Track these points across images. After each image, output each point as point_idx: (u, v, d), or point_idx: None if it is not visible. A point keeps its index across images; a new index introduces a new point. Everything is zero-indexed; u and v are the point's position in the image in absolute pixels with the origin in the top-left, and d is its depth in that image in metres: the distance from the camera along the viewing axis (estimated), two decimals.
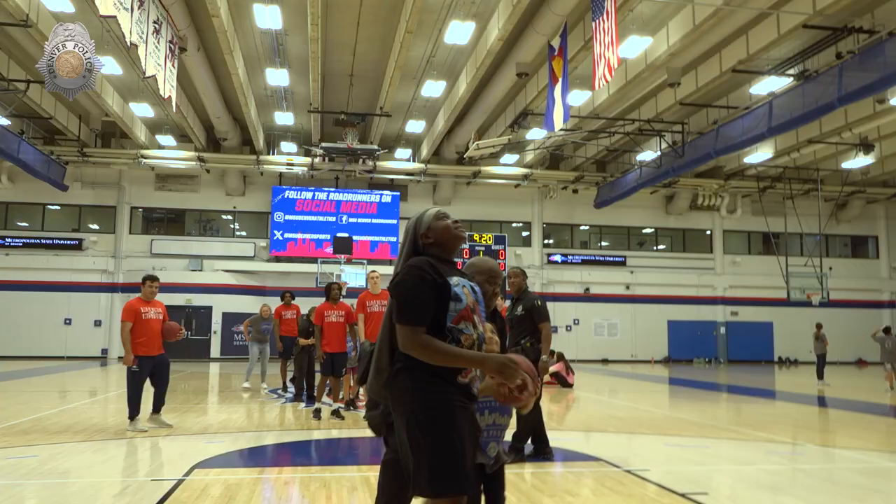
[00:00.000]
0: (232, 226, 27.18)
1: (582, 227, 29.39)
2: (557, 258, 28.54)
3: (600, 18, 12.31)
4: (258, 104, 21.81)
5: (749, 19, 14.57)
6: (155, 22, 13.38)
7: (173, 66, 15.12)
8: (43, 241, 25.45)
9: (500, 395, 2.55)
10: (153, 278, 7.98)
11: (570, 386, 15.09)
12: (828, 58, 15.74)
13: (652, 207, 29.48)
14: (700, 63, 17.39)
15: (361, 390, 10.14)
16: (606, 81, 12.53)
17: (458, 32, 15.10)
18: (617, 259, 28.96)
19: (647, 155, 23.02)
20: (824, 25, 14.52)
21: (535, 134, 21.10)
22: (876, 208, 31.12)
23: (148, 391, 7.83)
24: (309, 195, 26.25)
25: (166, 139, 24.02)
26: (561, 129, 18.00)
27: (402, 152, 26.13)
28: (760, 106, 17.49)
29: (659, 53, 15.64)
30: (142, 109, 20.62)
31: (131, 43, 12.37)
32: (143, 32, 12.81)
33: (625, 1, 13.59)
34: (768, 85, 17.44)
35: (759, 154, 23.64)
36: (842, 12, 13.93)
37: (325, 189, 26.40)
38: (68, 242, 25.53)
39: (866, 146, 21.98)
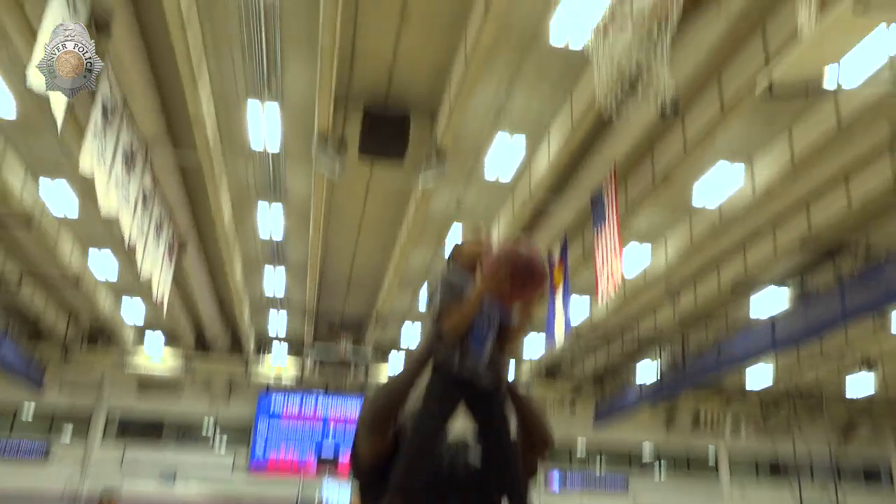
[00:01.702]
0: (212, 436, 25.68)
1: (580, 447, 27.95)
2: (555, 485, 26.71)
3: (602, 231, 12.34)
4: (252, 307, 21.53)
5: (746, 235, 14.75)
6: (156, 222, 13.39)
7: (170, 267, 14.98)
8: (5, 455, 23.58)
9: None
10: (111, 495, 7.01)
11: None
12: (827, 276, 15.76)
13: (652, 426, 28.24)
14: (699, 279, 17.40)
15: None
16: (610, 296, 12.32)
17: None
18: (618, 483, 27.16)
19: (647, 367, 22.43)
20: (821, 245, 14.68)
21: (533, 348, 20.67)
22: (885, 432, 29.88)
23: None
24: (296, 404, 25.05)
25: (155, 336, 23.36)
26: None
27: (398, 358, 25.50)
28: (762, 323, 17.25)
29: (658, 268, 15.66)
30: (133, 307, 20.26)
31: (130, 243, 12.27)
32: (143, 232, 12.76)
33: (623, 215, 13.77)
34: (769, 301, 17.33)
35: (760, 378, 23.02)
36: (838, 232, 14.12)
37: (314, 392, 25.15)
38: (33, 456, 23.68)
39: (869, 365, 21.55)
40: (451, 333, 2.65)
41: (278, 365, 24.63)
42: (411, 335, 22.71)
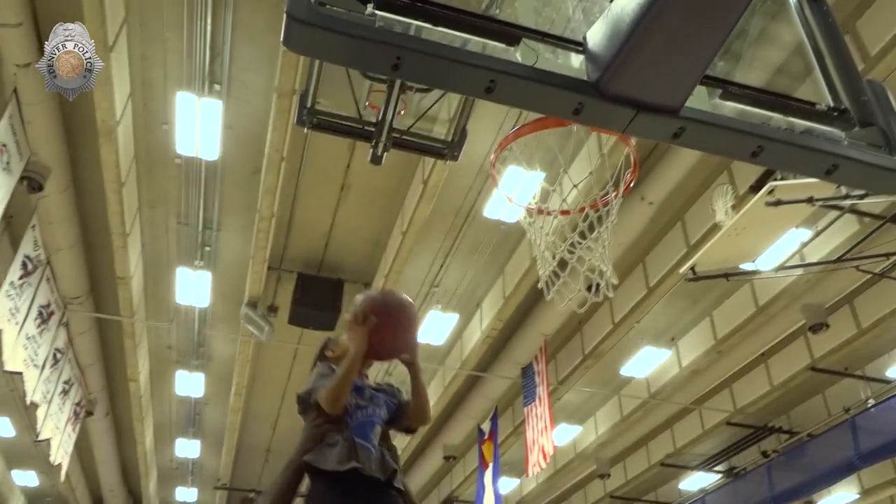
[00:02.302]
0: None
1: None
2: None
3: (533, 404, 12.24)
4: (160, 476, 19.98)
5: (674, 413, 14.83)
6: (65, 382, 12.59)
7: (73, 430, 13.92)
8: None
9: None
10: None
11: None
12: (753, 455, 15.83)
13: None
14: (629, 454, 17.20)
15: None
16: (541, 468, 12.00)
17: None
18: None
19: None
20: (746, 424, 14.86)
21: None
22: None
23: None
24: None
25: None
26: None
27: None
28: (693, 502, 16.97)
29: (588, 443, 15.47)
30: (25, 477, 18.51)
31: (31, 402, 11.42)
32: (48, 392, 11.94)
33: (553, 389, 13.74)
34: (698, 480, 17.18)
35: None
36: (761, 411, 14.36)
37: None
38: None
39: None
40: (331, 407, 2.53)
41: None
42: None
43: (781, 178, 7.21)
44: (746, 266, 8.90)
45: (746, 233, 8.71)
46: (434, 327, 11.99)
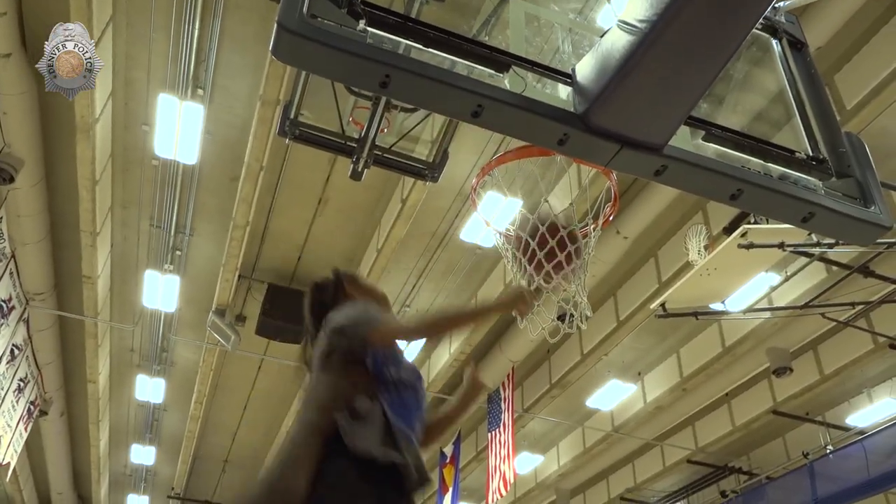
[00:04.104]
0: None
1: None
2: None
3: (497, 430, 12.20)
4: (112, 482, 19.51)
5: (636, 448, 14.86)
6: (21, 379, 12.27)
7: (25, 429, 13.56)
8: None
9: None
10: None
11: None
12: (712, 494, 15.88)
13: None
14: (589, 487, 17.17)
15: None
16: (501, 495, 11.92)
17: None
18: None
19: None
20: (706, 462, 14.93)
21: None
22: None
23: None
24: None
25: None
26: None
27: None
28: None
29: (549, 473, 15.42)
30: None
31: None
32: (2, 389, 11.63)
33: (518, 417, 13.70)
34: None
35: None
36: (722, 451, 14.44)
37: None
38: None
39: None
40: (422, 333, 2.18)
41: None
42: None
43: (755, 222, 7.32)
44: (715, 306, 9.00)
45: (717, 273, 8.80)
46: (401, 346, 11.89)
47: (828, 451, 11.92)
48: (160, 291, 10.88)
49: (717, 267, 8.44)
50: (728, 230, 8.52)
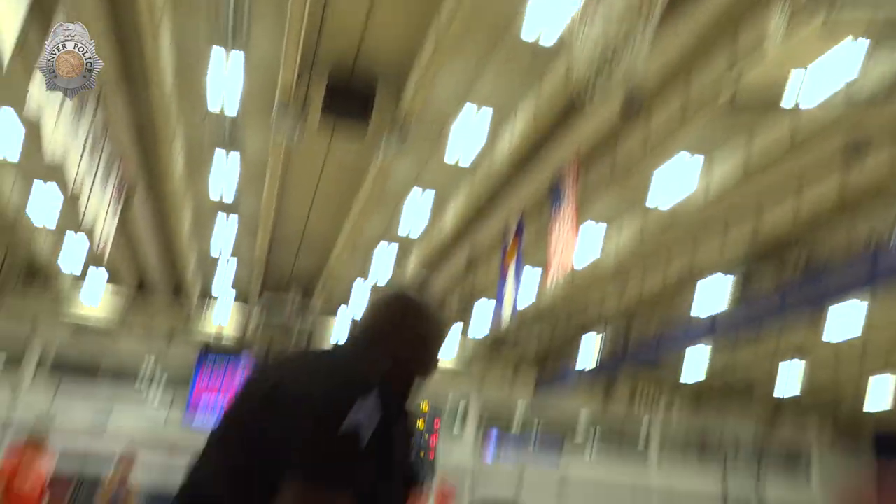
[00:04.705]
0: (148, 385, 25.24)
1: (518, 415, 28.39)
2: (490, 451, 27.14)
3: (559, 209, 12.47)
4: (199, 257, 21.04)
5: (697, 230, 15.08)
6: (106, 163, 12.94)
7: (116, 212, 14.54)
8: None
9: None
10: (40, 434, 6.83)
11: None
12: (767, 279, 16.19)
13: (590, 398, 28.76)
14: (647, 267, 17.70)
15: None
16: (564, 274, 12.51)
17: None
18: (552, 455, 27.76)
19: (588, 352, 22.87)
20: (765, 247, 15.07)
21: (478, 325, 20.99)
22: (808, 422, 30.90)
23: None
24: (233, 371, 24.57)
25: (98, 273, 22.57)
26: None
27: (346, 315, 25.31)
28: (703, 318, 17.70)
29: (608, 252, 15.94)
30: (74, 245, 19.47)
31: (75, 185, 11.90)
32: (90, 173, 12.33)
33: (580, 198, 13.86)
34: (712, 293, 17.66)
35: (695, 372, 23.70)
36: (782, 236, 14.52)
37: (253, 355, 24.84)
38: None
39: (802, 354, 22.28)
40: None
41: (219, 325, 24.35)
42: (360, 294, 22.43)
43: None
44: (789, 92, 8.63)
45: (796, 56, 8.34)
46: (466, 129, 11.85)
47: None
48: (226, 75, 10.73)
49: (796, 48, 8.02)
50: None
